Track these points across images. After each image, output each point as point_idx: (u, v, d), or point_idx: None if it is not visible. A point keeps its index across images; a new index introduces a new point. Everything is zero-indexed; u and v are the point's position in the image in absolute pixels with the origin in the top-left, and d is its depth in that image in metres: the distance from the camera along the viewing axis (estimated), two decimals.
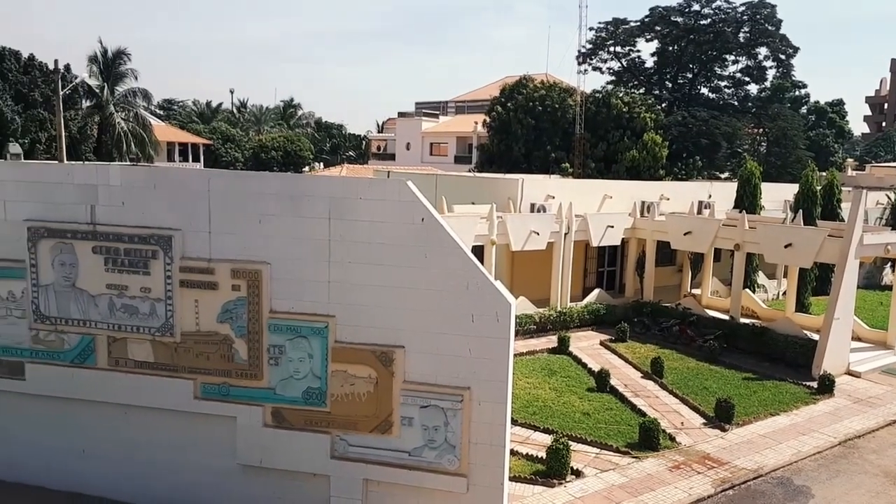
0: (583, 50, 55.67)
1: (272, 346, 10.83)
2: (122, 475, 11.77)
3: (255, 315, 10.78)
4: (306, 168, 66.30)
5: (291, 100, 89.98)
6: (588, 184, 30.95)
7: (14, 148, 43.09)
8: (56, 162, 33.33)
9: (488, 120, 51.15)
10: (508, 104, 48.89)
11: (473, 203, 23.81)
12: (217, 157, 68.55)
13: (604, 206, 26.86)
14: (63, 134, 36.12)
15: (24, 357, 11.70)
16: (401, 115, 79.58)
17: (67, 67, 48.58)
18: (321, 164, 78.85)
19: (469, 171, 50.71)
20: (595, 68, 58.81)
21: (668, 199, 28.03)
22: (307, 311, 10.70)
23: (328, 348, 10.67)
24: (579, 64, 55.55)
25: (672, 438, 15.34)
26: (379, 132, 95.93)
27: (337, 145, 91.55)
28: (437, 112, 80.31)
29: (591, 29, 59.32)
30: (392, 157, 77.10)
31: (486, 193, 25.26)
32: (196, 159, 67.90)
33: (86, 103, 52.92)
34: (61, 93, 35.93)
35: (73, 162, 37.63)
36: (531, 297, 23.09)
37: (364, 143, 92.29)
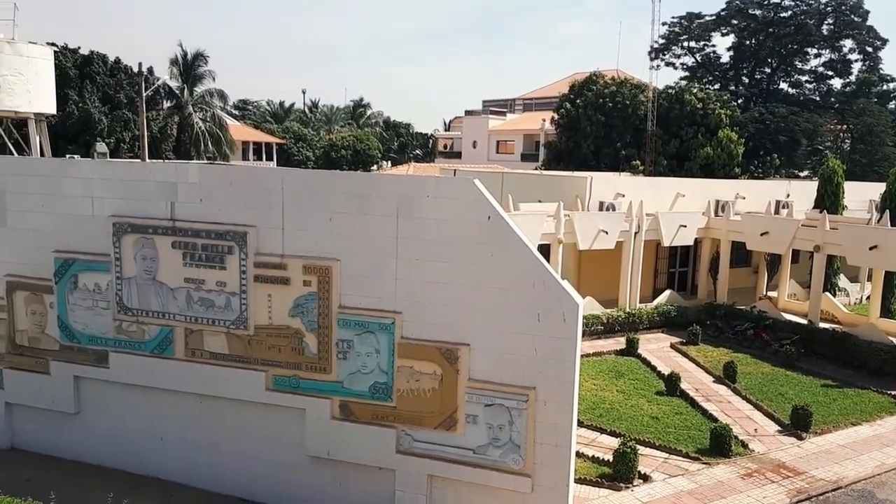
0: (655, 45, 54.44)
1: (341, 341, 11.04)
2: (197, 462, 12.24)
3: (325, 310, 11.02)
4: (374, 167, 67.24)
5: (361, 99, 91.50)
6: (659, 182, 30.23)
7: (101, 147, 45.33)
8: (139, 160, 34.94)
9: (556, 117, 50.66)
10: (578, 101, 48.29)
11: (540, 201, 23.64)
12: (289, 155, 70.36)
13: (676, 205, 26.20)
14: (146, 133, 37.77)
15: (108, 346, 12.30)
16: (468, 113, 79.70)
17: (150, 70, 50.76)
18: (388, 162, 79.84)
19: (536, 168, 50.36)
20: (668, 64, 57.48)
21: (744, 197, 27.10)
22: (374, 307, 10.86)
23: (394, 344, 10.81)
24: (651, 59, 54.41)
25: (745, 445, 14.85)
26: (445, 131, 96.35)
27: (404, 144, 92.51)
28: (505, 110, 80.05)
29: (663, 24, 58.05)
30: (458, 155, 77.31)
31: (553, 191, 25.04)
32: (269, 158, 69.86)
33: (166, 104, 55.24)
34: (144, 94, 37.57)
35: (155, 160, 39.34)
36: (598, 297, 22.75)
37: (431, 141, 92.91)
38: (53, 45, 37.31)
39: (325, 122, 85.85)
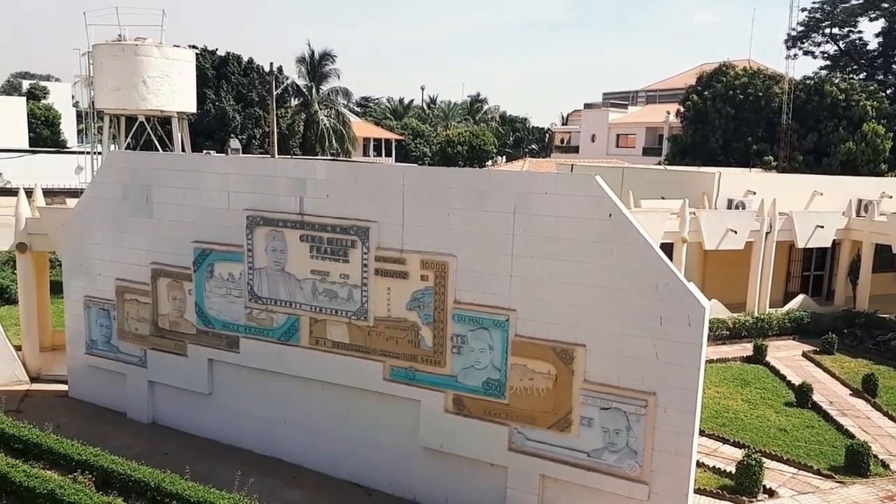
0: (793, 33, 50.87)
1: (455, 336, 11.15)
2: (317, 446, 12.77)
3: (441, 304, 11.16)
4: (489, 162, 67.38)
5: (478, 95, 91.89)
6: (794, 178, 28.30)
7: (234, 143, 48.25)
8: (268, 156, 36.86)
9: (682, 109, 48.57)
10: (706, 92, 46.07)
11: (663, 198, 22.77)
12: (407, 151, 71.90)
13: (812, 204, 24.45)
14: (275, 130, 39.79)
15: (239, 332, 13.07)
16: (587, 106, 78.05)
17: (280, 69, 53.32)
18: (503, 157, 79.75)
19: (658, 163, 48.58)
20: (807, 53, 53.58)
21: (891, 196, 24.87)
22: (489, 303, 10.87)
23: (508, 341, 10.78)
24: (788, 48, 50.82)
25: (885, 466, 13.67)
26: (563, 124, 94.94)
27: (520, 139, 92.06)
28: (626, 102, 77.70)
29: (803, 10, 54.07)
30: (576, 149, 75.93)
31: (677, 188, 24.03)
32: (388, 154, 71.67)
33: (294, 102, 57.90)
34: (274, 93, 39.58)
35: (283, 156, 41.35)
36: (724, 300, 21.63)
37: (547, 135, 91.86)
38: (194, 47, 40.02)
39: (443, 117, 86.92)
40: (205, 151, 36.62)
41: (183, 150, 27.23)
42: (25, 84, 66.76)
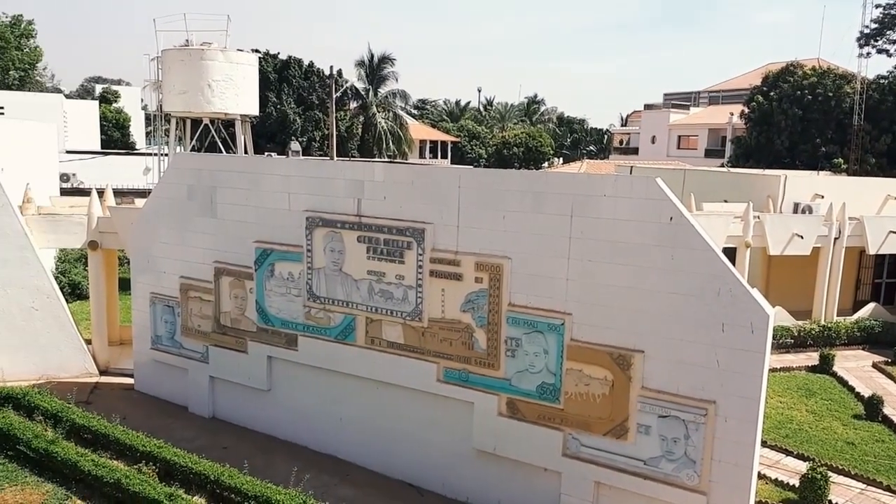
0: (866, 30, 48.73)
1: (509, 339, 11.09)
2: (371, 445, 12.90)
3: (495, 307, 11.12)
4: (545, 164, 66.88)
5: (535, 96, 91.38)
6: (866, 182, 27.13)
7: (294, 145, 49.22)
8: (327, 158, 37.46)
9: (747, 110, 47.13)
10: (771, 93, 44.61)
11: (726, 201, 22.17)
12: (463, 153, 72.01)
13: (885, 208, 23.38)
14: (334, 133, 40.43)
15: (298, 330, 13.31)
16: (647, 107, 76.62)
17: (339, 72, 54.20)
18: (560, 159, 79.01)
19: (721, 165, 47.31)
20: (880, 51, 51.08)
21: None
22: (544, 306, 10.78)
23: (564, 345, 10.66)
24: (861, 46, 48.61)
25: None
26: (622, 126, 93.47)
27: (578, 140, 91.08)
28: (688, 103, 75.94)
29: (877, 6, 51.70)
30: (635, 151, 74.61)
31: (740, 190, 23.36)
32: (444, 156, 71.93)
33: (353, 105, 58.70)
34: (334, 96, 40.21)
35: (342, 159, 41.97)
36: (789, 307, 20.89)
37: (606, 137, 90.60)
38: (257, 51, 41.05)
39: (499, 119, 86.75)
40: (266, 154, 37.48)
41: (245, 152, 27.93)
42: (98, 88, 69.72)
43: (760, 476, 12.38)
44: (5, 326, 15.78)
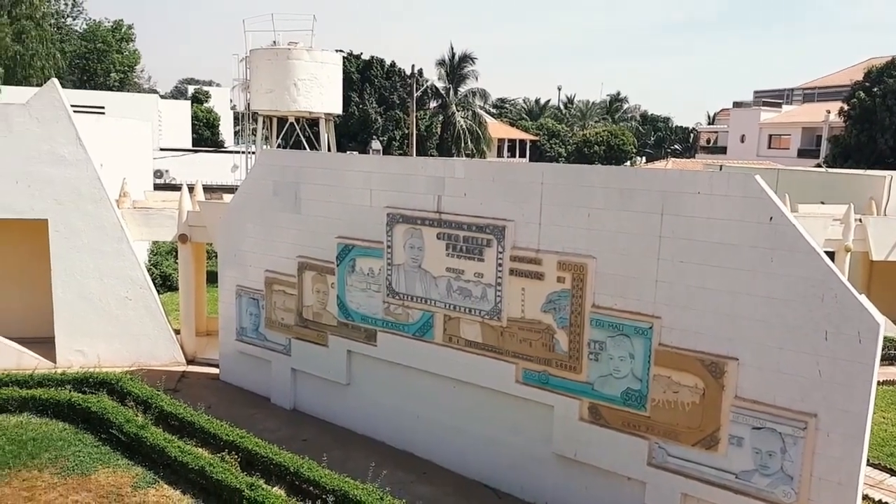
0: None
1: (593, 341, 10.72)
2: (447, 444, 12.77)
3: (578, 308, 10.77)
4: (628, 162, 65.36)
5: (618, 94, 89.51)
6: None
7: (375, 144, 49.94)
8: (406, 157, 37.72)
9: (846, 108, 44.59)
10: (874, 89, 42.03)
11: (822, 202, 20.91)
12: (542, 152, 71.27)
13: None
14: (414, 132, 40.69)
15: (377, 326, 13.34)
16: (736, 105, 73.65)
17: (420, 72, 54.64)
18: (643, 158, 77.06)
19: (816, 165, 44.87)
20: None
21: None
22: (630, 308, 10.35)
23: (651, 350, 10.20)
24: None
25: None
26: (709, 124, 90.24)
27: (662, 138, 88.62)
28: (780, 101, 72.58)
29: None
30: (723, 150, 71.88)
31: (838, 192, 22.02)
32: (522, 154, 71.42)
33: (433, 104, 59.03)
34: (415, 95, 40.46)
35: (420, 157, 42.19)
36: (892, 316, 19.48)
37: (692, 135, 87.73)
38: (340, 51, 41.78)
39: (580, 117, 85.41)
40: (348, 152, 38.12)
41: (329, 150, 28.42)
42: (190, 89, 72.85)
43: (863, 497, 11.51)
44: (102, 315, 16.56)
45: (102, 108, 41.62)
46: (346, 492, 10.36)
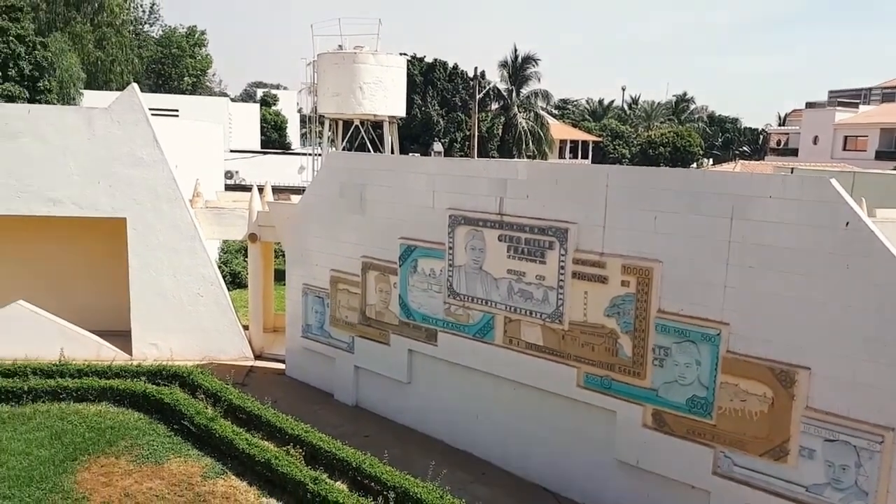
0: None
1: (657, 347, 10.55)
2: (506, 445, 12.78)
3: (643, 313, 10.62)
4: (694, 164, 63.84)
5: (684, 94, 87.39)
6: None
7: (437, 146, 50.34)
8: (468, 158, 37.84)
9: None
10: None
11: None
12: (605, 153, 70.29)
13: None
14: (476, 134, 40.80)
15: (437, 326, 13.47)
16: (808, 105, 71.02)
17: (483, 74, 54.64)
18: (710, 160, 75.10)
19: (895, 168, 42.80)
20: None
21: None
22: (698, 314, 10.13)
23: (718, 357, 9.97)
24: None
25: None
26: (780, 125, 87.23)
27: (730, 140, 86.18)
28: (857, 101, 69.58)
29: None
30: (794, 152, 69.35)
31: None
32: (584, 156, 70.62)
33: (494, 105, 59.01)
34: (477, 97, 40.57)
35: (482, 158, 42.26)
36: None
37: (761, 137, 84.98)
38: (405, 54, 42.26)
39: (644, 118, 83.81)
40: (411, 154, 38.50)
41: (392, 152, 28.80)
42: (259, 93, 74.94)
43: None
44: (175, 310, 17.25)
45: (177, 111, 43.25)
46: (406, 489, 10.50)
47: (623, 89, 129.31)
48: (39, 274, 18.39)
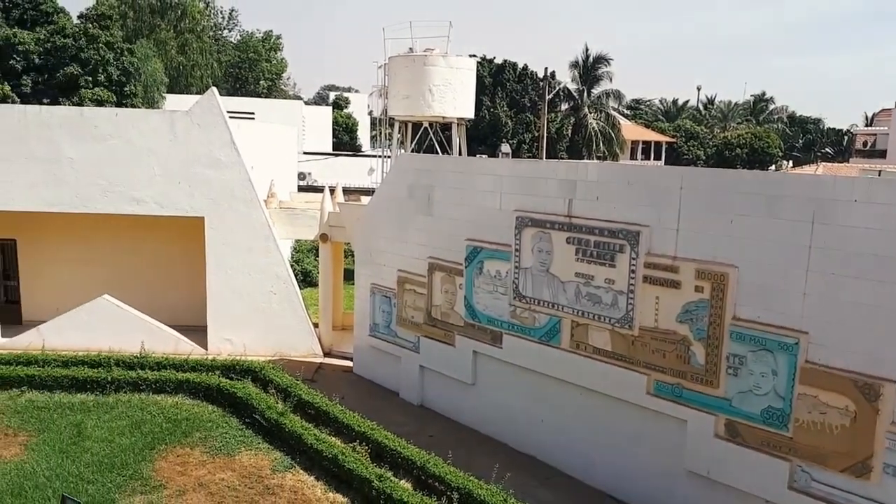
0: None
1: (732, 355, 10.19)
2: (571, 451, 12.61)
3: (717, 320, 10.28)
4: (772, 166, 61.47)
5: (763, 94, 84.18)
6: None
7: (505, 148, 50.12)
8: (535, 160, 37.58)
9: None
10: None
11: None
12: (678, 154, 68.45)
13: None
14: (545, 135, 40.46)
15: (503, 328, 13.41)
16: None
17: (553, 74, 54.10)
18: (789, 162, 72.13)
19: None
20: None
21: None
22: (775, 322, 9.74)
23: (796, 367, 9.55)
24: None
25: None
26: (867, 126, 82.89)
27: (811, 141, 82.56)
28: None
29: None
30: (882, 154, 65.66)
31: None
32: (657, 157, 68.93)
33: (564, 106, 58.36)
34: (547, 97, 40.22)
35: (550, 160, 41.89)
36: None
37: (846, 138, 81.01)
38: (474, 56, 42.33)
39: (720, 118, 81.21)
40: (478, 155, 38.54)
41: (460, 153, 28.87)
42: (331, 96, 76.53)
43: None
44: (249, 307, 17.79)
45: (252, 114, 44.59)
46: (470, 490, 10.49)
47: (698, 89, 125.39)
48: (122, 270, 19.31)
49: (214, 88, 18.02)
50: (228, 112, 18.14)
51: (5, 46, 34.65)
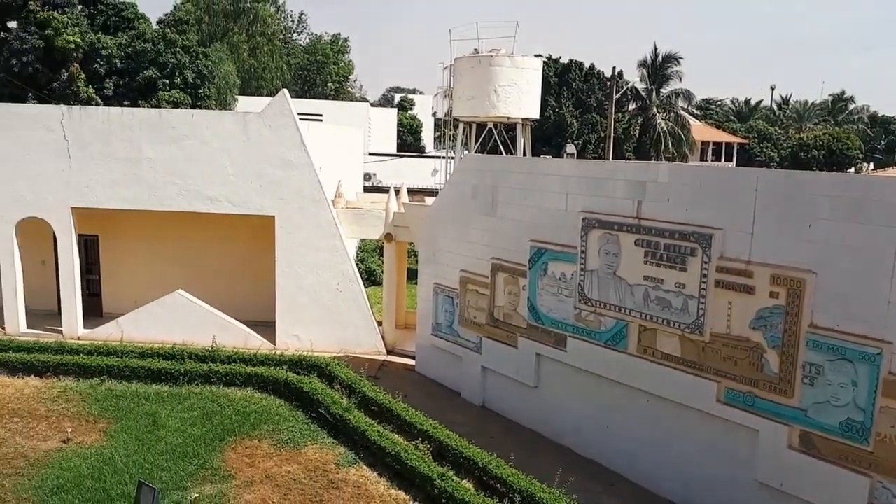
0: None
1: (808, 364, 9.79)
2: (636, 457, 12.35)
3: (793, 327, 9.90)
4: (852, 168, 58.76)
5: (842, 93, 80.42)
6: None
7: (570, 148, 49.64)
8: (601, 160, 37.02)
9: None
10: None
11: None
12: (751, 156, 66.21)
13: None
14: (612, 135, 39.82)
15: (567, 331, 13.26)
16: None
17: (620, 74, 53.18)
18: (870, 164, 68.80)
19: None
20: None
21: None
22: (855, 331, 9.31)
23: (878, 379, 9.10)
24: None
25: None
26: None
27: (895, 143, 78.45)
28: None
29: None
30: None
31: None
32: (728, 158, 66.83)
33: (631, 106, 57.29)
34: (614, 97, 39.60)
35: (616, 161, 41.22)
36: None
37: None
38: (539, 56, 42.01)
39: (796, 119, 78.08)
40: (542, 156, 38.24)
41: (524, 154, 28.73)
42: (397, 97, 77.35)
43: None
44: (316, 304, 18.15)
45: (320, 115, 45.50)
46: (532, 494, 10.43)
47: (772, 89, 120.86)
48: (195, 266, 19.99)
49: (286, 90, 18.46)
50: (298, 114, 18.54)
51: (90, 51, 36.41)
